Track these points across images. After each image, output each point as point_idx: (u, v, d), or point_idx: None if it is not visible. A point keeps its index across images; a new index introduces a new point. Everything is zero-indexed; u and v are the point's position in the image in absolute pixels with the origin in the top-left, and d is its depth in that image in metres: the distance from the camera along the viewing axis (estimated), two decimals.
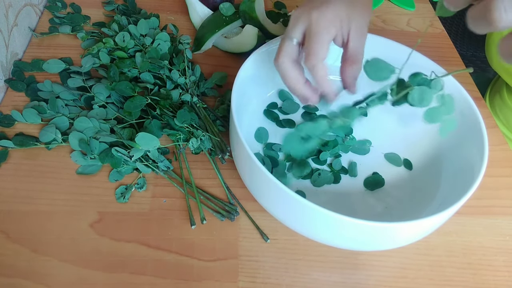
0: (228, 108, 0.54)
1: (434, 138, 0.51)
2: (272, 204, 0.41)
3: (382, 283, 0.43)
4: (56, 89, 0.53)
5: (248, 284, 0.42)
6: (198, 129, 0.50)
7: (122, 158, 0.47)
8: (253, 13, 0.61)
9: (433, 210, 0.45)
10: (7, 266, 0.41)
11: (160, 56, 0.56)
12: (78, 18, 0.65)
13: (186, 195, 0.47)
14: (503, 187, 0.52)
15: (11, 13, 0.56)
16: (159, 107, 0.51)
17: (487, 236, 0.48)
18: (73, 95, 0.53)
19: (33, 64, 0.57)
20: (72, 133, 0.48)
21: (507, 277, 0.44)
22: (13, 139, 0.49)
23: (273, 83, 0.55)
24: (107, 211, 0.45)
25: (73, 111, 0.52)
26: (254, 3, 0.60)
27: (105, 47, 0.57)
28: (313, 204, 0.35)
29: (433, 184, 0.48)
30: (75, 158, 0.48)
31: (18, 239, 0.42)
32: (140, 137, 0.46)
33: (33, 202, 0.45)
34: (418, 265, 0.45)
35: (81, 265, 0.41)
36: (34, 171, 0.48)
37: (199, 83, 0.57)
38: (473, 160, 0.43)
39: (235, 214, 0.46)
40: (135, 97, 0.51)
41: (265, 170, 0.37)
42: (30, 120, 0.50)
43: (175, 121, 0.49)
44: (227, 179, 0.49)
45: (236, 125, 0.41)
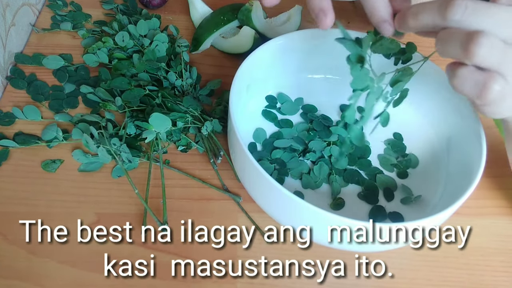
0: (225, 109, 0.54)
1: (432, 139, 0.51)
2: (270, 204, 0.41)
3: (381, 284, 0.43)
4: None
5: (246, 285, 0.42)
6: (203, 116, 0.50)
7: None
8: (250, 23, 0.61)
9: (431, 211, 0.45)
10: (4, 268, 0.41)
11: (158, 57, 0.56)
12: (80, 16, 0.65)
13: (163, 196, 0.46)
14: (501, 187, 0.52)
15: (9, 13, 0.56)
16: (161, 94, 0.51)
17: (485, 236, 0.48)
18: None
19: (34, 58, 0.57)
20: (75, 129, 0.49)
21: (505, 278, 0.45)
22: (15, 138, 0.49)
23: (271, 83, 0.55)
24: (105, 212, 0.45)
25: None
26: (251, 13, 0.60)
27: (104, 46, 0.57)
28: (311, 205, 0.35)
29: (431, 185, 0.48)
30: (77, 156, 0.48)
31: (15, 240, 0.42)
32: (154, 118, 0.45)
33: (31, 203, 0.45)
34: (416, 266, 0.45)
35: (79, 266, 0.41)
36: (33, 171, 0.48)
37: (196, 85, 0.57)
38: (471, 160, 0.43)
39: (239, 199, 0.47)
40: (133, 88, 0.51)
41: (264, 172, 0.37)
42: (31, 117, 0.51)
43: (179, 107, 0.49)
44: (223, 180, 0.49)
45: (235, 126, 0.41)
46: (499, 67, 0.28)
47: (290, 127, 0.53)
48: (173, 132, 0.50)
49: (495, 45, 0.27)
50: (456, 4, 0.28)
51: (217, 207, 0.47)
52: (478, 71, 0.29)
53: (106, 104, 0.51)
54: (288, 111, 0.54)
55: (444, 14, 0.28)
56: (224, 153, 0.50)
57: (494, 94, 0.29)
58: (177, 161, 0.50)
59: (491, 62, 0.28)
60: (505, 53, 0.28)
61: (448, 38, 0.29)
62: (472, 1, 0.27)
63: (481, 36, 0.27)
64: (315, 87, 0.56)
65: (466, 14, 0.27)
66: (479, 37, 0.27)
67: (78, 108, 0.54)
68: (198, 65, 0.59)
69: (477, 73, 0.29)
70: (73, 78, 0.56)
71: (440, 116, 0.51)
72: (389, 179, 0.49)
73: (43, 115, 0.52)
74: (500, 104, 0.31)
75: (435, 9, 0.29)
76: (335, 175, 0.48)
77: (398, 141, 0.52)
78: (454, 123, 0.49)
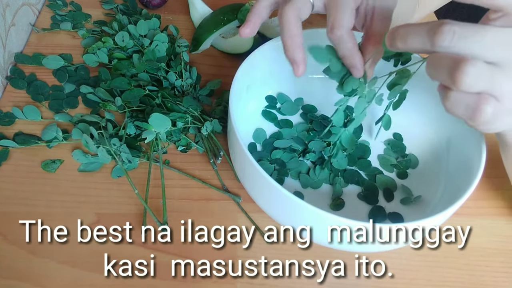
0: (225, 110, 0.54)
1: (432, 139, 0.51)
2: (270, 205, 0.41)
3: (380, 284, 0.43)
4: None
5: (246, 285, 0.42)
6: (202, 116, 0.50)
7: None
8: None
9: (431, 211, 0.45)
10: (4, 268, 0.41)
11: (158, 57, 0.56)
12: (80, 16, 0.65)
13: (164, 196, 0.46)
14: (501, 187, 0.52)
15: (9, 13, 0.56)
16: (161, 94, 0.51)
17: (484, 237, 0.48)
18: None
19: (34, 58, 0.57)
20: (74, 129, 0.49)
21: (504, 278, 0.45)
22: (15, 138, 0.49)
23: (271, 84, 0.55)
24: (105, 212, 0.45)
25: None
26: None
27: (104, 46, 0.57)
28: (311, 206, 0.35)
29: (430, 185, 0.48)
30: (77, 156, 0.48)
31: (15, 241, 0.42)
32: (154, 118, 0.45)
33: (31, 204, 0.45)
34: (416, 266, 0.45)
35: (79, 267, 0.41)
36: (33, 172, 0.48)
37: (196, 85, 0.57)
38: (471, 160, 0.43)
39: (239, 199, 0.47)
40: (133, 88, 0.51)
41: (264, 172, 0.37)
42: (31, 117, 0.51)
43: (179, 107, 0.49)
44: (223, 180, 0.49)
45: (235, 127, 0.41)
46: (489, 90, 0.29)
47: (290, 127, 0.53)
48: (173, 132, 0.50)
49: (482, 72, 0.27)
50: (444, 31, 0.27)
51: (217, 207, 0.47)
52: (470, 94, 0.29)
53: (106, 104, 0.51)
54: (288, 111, 0.54)
55: (433, 41, 0.28)
56: (224, 153, 0.50)
57: (486, 117, 0.30)
58: (177, 161, 0.50)
59: (479, 88, 0.28)
60: (493, 77, 0.28)
61: (436, 64, 0.29)
62: (460, 26, 0.27)
63: (466, 65, 0.27)
64: (315, 87, 0.56)
65: (454, 40, 0.27)
66: (464, 65, 0.27)
67: (78, 108, 0.54)
68: (198, 65, 0.59)
69: (468, 96, 0.29)
70: (73, 78, 0.56)
71: (440, 116, 0.51)
72: (389, 180, 0.49)
73: (43, 115, 0.52)
74: (493, 123, 0.31)
75: (424, 35, 0.29)
76: (339, 177, 0.48)
77: (398, 142, 0.52)
78: (454, 123, 0.49)
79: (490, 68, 0.28)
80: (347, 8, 0.37)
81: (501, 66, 0.28)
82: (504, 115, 0.30)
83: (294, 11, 0.38)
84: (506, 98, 0.29)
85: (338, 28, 0.37)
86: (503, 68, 0.28)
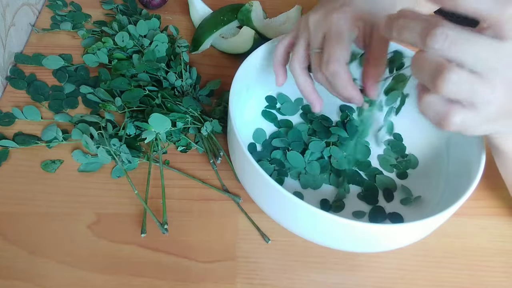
0: (225, 110, 0.54)
1: (432, 139, 0.51)
2: (269, 205, 0.41)
3: (380, 285, 0.43)
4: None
5: (245, 285, 0.42)
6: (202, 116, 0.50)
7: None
8: (249, 23, 0.61)
9: (430, 211, 0.45)
10: (4, 268, 0.41)
11: (158, 58, 0.56)
12: (80, 16, 0.65)
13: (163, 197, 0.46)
14: (501, 187, 0.52)
15: (9, 13, 0.56)
16: (161, 94, 0.51)
17: (484, 237, 0.48)
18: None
19: (33, 58, 0.58)
20: (74, 129, 0.49)
21: (504, 278, 0.45)
22: (15, 138, 0.49)
23: (271, 84, 0.55)
24: (105, 212, 0.45)
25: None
26: (251, 13, 0.60)
27: (104, 46, 0.57)
28: (310, 206, 0.35)
29: (430, 185, 0.48)
30: (77, 156, 0.48)
31: (15, 241, 0.42)
32: (154, 118, 0.45)
33: (31, 204, 0.45)
34: (415, 266, 0.45)
35: (79, 266, 0.41)
36: (33, 172, 0.48)
37: (195, 85, 0.57)
38: (471, 160, 0.43)
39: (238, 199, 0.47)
40: (133, 89, 0.51)
41: (264, 173, 0.37)
42: (30, 117, 0.51)
43: (179, 108, 0.49)
44: (223, 180, 0.49)
45: (235, 127, 0.41)
46: (468, 98, 0.29)
47: (290, 128, 0.53)
48: (173, 133, 0.50)
49: (463, 81, 0.28)
50: (437, 33, 0.27)
51: (217, 208, 0.47)
52: (442, 102, 0.30)
53: (106, 105, 0.51)
54: (288, 111, 0.54)
55: (425, 41, 0.28)
56: (224, 154, 0.50)
57: (453, 127, 0.30)
58: (176, 162, 0.50)
59: (458, 96, 0.29)
60: (473, 86, 0.28)
61: (421, 65, 0.29)
62: (453, 31, 0.27)
63: (449, 73, 0.27)
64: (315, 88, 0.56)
65: (445, 44, 0.27)
66: (447, 72, 0.27)
67: (78, 109, 0.54)
68: (198, 66, 0.59)
69: (440, 103, 0.30)
70: (73, 78, 0.56)
71: None
72: (388, 180, 0.49)
73: (43, 116, 0.52)
74: (467, 131, 0.32)
75: (418, 32, 0.29)
76: (345, 182, 0.48)
77: (398, 142, 0.52)
78: None
79: (472, 77, 0.28)
80: (343, 43, 0.37)
81: (483, 76, 0.28)
82: (482, 123, 0.31)
83: (296, 63, 0.42)
84: (484, 107, 0.29)
85: (334, 63, 0.37)
86: (484, 79, 0.28)
